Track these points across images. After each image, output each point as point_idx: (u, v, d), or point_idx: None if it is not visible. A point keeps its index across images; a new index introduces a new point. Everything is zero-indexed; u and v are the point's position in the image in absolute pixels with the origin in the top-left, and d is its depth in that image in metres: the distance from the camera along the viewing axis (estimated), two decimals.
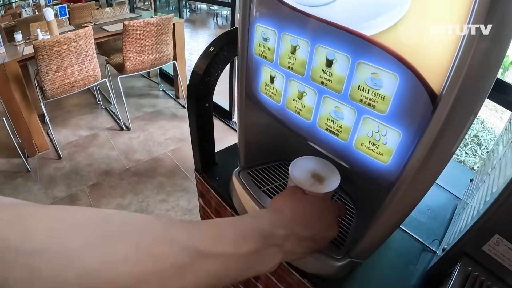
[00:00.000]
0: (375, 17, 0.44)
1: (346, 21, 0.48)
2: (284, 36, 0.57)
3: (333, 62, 0.51)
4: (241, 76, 0.72)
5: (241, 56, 0.69)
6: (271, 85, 0.65)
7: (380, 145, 0.50)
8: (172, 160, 2.99)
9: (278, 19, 0.58)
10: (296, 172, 0.64)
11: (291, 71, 0.59)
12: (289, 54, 0.57)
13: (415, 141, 0.46)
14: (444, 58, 0.39)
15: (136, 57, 3.30)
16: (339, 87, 0.51)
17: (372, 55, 0.46)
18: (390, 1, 0.42)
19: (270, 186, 0.84)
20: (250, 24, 0.64)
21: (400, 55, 0.43)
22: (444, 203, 0.95)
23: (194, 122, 0.89)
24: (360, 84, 0.49)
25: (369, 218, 0.58)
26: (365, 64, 0.47)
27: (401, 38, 0.42)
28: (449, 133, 0.43)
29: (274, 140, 0.83)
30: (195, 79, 0.82)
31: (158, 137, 3.35)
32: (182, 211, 2.42)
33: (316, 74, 0.54)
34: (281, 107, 0.65)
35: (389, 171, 0.51)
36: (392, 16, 0.43)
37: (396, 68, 0.44)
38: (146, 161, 3.00)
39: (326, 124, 0.57)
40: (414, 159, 0.46)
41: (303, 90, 0.58)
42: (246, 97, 0.74)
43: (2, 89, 2.87)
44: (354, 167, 0.57)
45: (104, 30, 3.61)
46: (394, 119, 0.47)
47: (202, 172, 1.01)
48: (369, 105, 0.49)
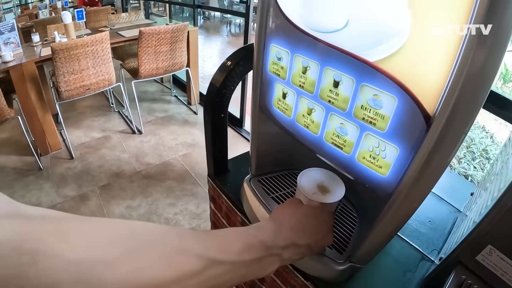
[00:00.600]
0: (377, 45, 0.51)
1: (352, 48, 0.54)
2: (296, 57, 0.64)
3: (340, 83, 0.57)
4: (255, 91, 0.79)
5: (256, 72, 0.76)
6: (283, 101, 0.72)
7: (379, 159, 0.56)
8: (182, 165, 3.05)
9: (291, 41, 0.64)
10: (303, 181, 0.71)
11: (302, 89, 0.65)
12: (300, 74, 0.64)
13: (411, 156, 0.52)
14: (437, 84, 0.45)
15: (151, 62, 3.39)
16: (344, 106, 0.58)
17: (374, 78, 0.52)
18: (391, 32, 0.48)
19: (279, 193, 0.90)
20: (265, 43, 0.71)
21: (398, 79, 0.49)
22: (445, 215, 1.00)
23: (210, 131, 0.95)
24: (363, 104, 0.55)
25: (369, 226, 0.64)
26: (368, 86, 0.53)
27: (399, 65, 0.49)
28: (441, 150, 0.49)
29: (283, 151, 0.90)
30: (212, 91, 0.89)
31: (169, 142, 3.42)
32: (190, 215, 2.48)
33: (324, 93, 0.60)
34: (292, 121, 0.72)
35: (388, 182, 0.57)
36: (392, 45, 0.49)
37: (395, 91, 0.50)
38: (157, 165, 3.07)
39: (332, 139, 0.63)
40: (410, 172, 0.52)
41: (312, 107, 0.64)
42: (259, 110, 0.80)
43: (19, 88, 2.98)
44: (356, 178, 0.63)
45: (120, 35, 3.71)
46: (392, 136, 0.53)
47: (215, 178, 1.07)
48: (371, 123, 0.55)
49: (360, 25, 0.52)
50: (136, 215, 2.50)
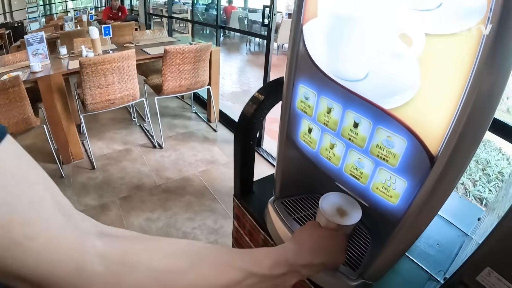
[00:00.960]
0: (392, 96, 0.62)
1: (371, 96, 0.66)
2: (322, 99, 0.76)
3: (359, 125, 0.69)
4: (283, 123, 0.91)
5: (285, 107, 0.88)
6: (309, 135, 0.84)
7: (390, 190, 0.67)
8: (201, 181, 3.18)
9: (318, 84, 0.77)
10: (325, 204, 0.82)
11: (326, 127, 0.77)
12: (325, 113, 0.76)
13: (417, 189, 0.63)
14: (440, 130, 0.56)
15: (174, 80, 3.55)
16: (362, 144, 0.69)
17: (388, 123, 0.64)
18: (404, 86, 0.60)
19: (300, 215, 1.01)
20: (294, 83, 0.83)
21: (408, 125, 0.61)
22: (452, 238, 1.09)
23: (239, 155, 1.08)
24: (378, 143, 0.66)
25: (381, 246, 0.75)
26: (383, 129, 0.65)
27: (410, 113, 0.60)
28: (443, 184, 0.60)
29: (306, 177, 1.01)
30: (244, 120, 1.01)
31: (189, 157, 3.55)
32: (208, 230, 2.59)
33: (345, 131, 0.72)
34: (316, 153, 0.84)
35: (397, 210, 0.68)
36: (404, 97, 0.61)
37: (405, 135, 0.62)
38: (176, 179, 3.20)
39: (351, 170, 0.75)
40: (416, 202, 0.63)
41: (334, 142, 0.76)
42: (286, 139, 0.92)
43: (46, 98, 3.17)
44: (370, 205, 0.74)
45: (145, 52, 3.89)
46: (402, 171, 0.64)
47: (240, 198, 1.19)
48: (384, 159, 0.66)
49: (378, 78, 0.64)
50: (155, 228, 2.61)
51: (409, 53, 0.58)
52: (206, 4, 12.14)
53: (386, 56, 0.62)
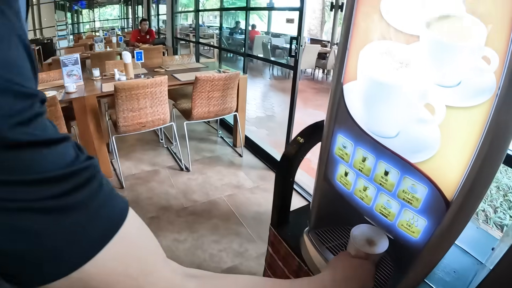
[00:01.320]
0: (417, 152, 0.81)
1: (399, 151, 0.84)
2: (358, 149, 0.95)
3: (389, 173, 0.87)
4: (321, 165, 1.10)
5: (324, 152, 1.07)
6: (345, 177, 1.02)
7: (413, 227, 0.85)
8: (227, 205, 3.36)
9: (355, 136, 0.95)
10: (355, 234, 0.99)
11: (360, 172, 0.96)
12: (360, 161, 0.94)
13: (435, 226, 0.80)
14: (455, 181, 0.75)
15: (203, 106, 3.78)
16: (391, 188, 0.87)
17: (413, 173, 0.82)
18: (427, 146, 0.78)
19: (333, 244, 1.18)
20: (333, 132, 1.02)
21: (429, 176, 0.79)
22: (468, 267, 1.23)
23: (279, 190, 1.27)
24: (404, 189, 0.84)
25: (403, 273, 0.92)
26: (408, 178, 0.83)
27: (431, 166, 0.78)
28: (457, 223, 0.78)
29: (339, 211, 1.19)
30: (285, 160, 1.20)
31: (215, 181, 3.75)
32: (234, 253, 2.75)
33: (377, 177, 0.91)
34: (350, 193, 1.02)
35: (418, 243, 0.85)
36: (427, 154, 0.79)
37: (426, 183, 0.80)
38: (203, 202, 3.38)
39: (380, 209, 0.92)
40: (434, 237, 0.81)
41: (367, 186, 0.94)
42: (323, 179, 1.11)
43: (79, 118, 3.44)
44: (395, 238, 0.91)
45: (176, 78, 4.15)
46: (423, 212, 0.82)
47: (277, 227, 1.37)
48: (408, 202, 0.84)
49: (407, 137, 0.83)
50: (182, 249, 2.78)
51: (433, 120, 0.77)
52: (230, 28, 12.57)
53: (414, 121, 0.81)
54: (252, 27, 11.23)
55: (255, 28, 11.34)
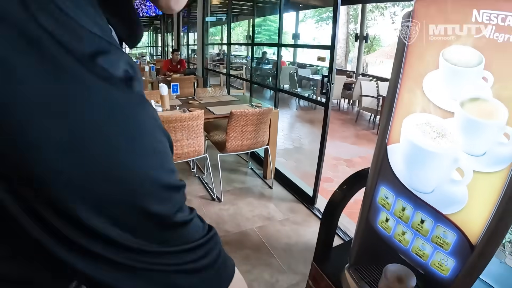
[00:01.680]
0: (448, 206, 1.04)
1: (434, 204, 1.07)
2: (398, 200, 1.18)
3: (424, 221, 1.10)
4: (364, 209, 1.33)
5: (367, 200, 1.30)
6: (385, 223, 1.25)
7: (443, 265, 1.07)
8: (258, 236, 3.55)
9: (396, 189, 1.19)
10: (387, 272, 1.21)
11: (400, 219, 1.19)
12: (400, 210, 1.17)
13: (462, 265, 1.02)
14: (478, 230, 0.97)
15: (237, 140, 4.04)
16: (426, 234, 1.10)
17: (445, 223, 1.04)
18: (457, 201, 1.01)
19: (370, 279, 1.40)
20: (377, 184, 1.25)
21: (457, 225, 1.01)
22: None
23: (324, 232, 1.50)
24: (436, 235, 1.07)
25: None
26: (441, 226, 1.06)
27: (459, 217, 1.01)
28: (480, 263, 1.00)
29: (377, 250, 1.41)
30: (332, 206, 1.44)
31: (246, 212, 3.95)
32: (265, 284, 2.93)
33: (414, 224, 1.13)
34: (390, 236, 1.25)
35: (447, 279, 1.07)
36: (456, 208, 1.02)
37: (455, 231, 1.02)
38: (235, 233, 3.58)
39: (416, 251, 1.15)
40: (461, 274, 1.03)
41: (405, 231, 1.17)
42: (365, 222, 1.33)
43: None
44: (427, 274, 1.13)
45: (210, 111, 4.42)
46: (452, 254, 1.04)
47: (319, 263, 1.59)
48: (440, 245, 1.06)
49: (440, 194, 1.06)
50: None
51: (462, 181, 1.00)
52: (257, 58, 12.88)
53: (447, 181, 1.04)
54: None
55: (281, 59, 11.57)
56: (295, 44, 8.90)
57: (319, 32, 18.24)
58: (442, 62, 1.06)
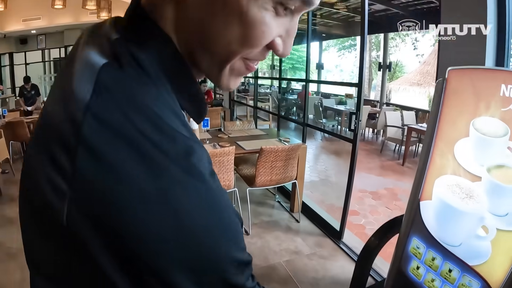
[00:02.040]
0: (473, 258, 1.21)
1: (461, 256, 1.24)
2: (429, 251, 1.35)
3: (452, 271, 1.27)
4: (396, 258, 1.50)
5: (399, 249, 1.47)
6: (416, 270, 1.42)
7: None
8: (285, 270, 3.67)
9: (427, 241, 1.36)
10: None
11: (430, 268, 1.35)
12: (430, 260, 1.34)
13: None
14: (500, 279, 1.13)
15: (266, 175, 4.22)
16: (453, 282, 1.27)
17: (470, 273, 1.21)
18: (481, 254, 1.18)
19: None
20: (409, 235, 1.42)
21: (481, 275, 1.19)
22: None
23: (359, 273, 1.66)
24: (463, 283, 1.24)
25: None
26: (466, 276, 1.22)
27: (483, 268, 1.17)
28: None
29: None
30: (367, 251, 1.61)
31: (274, 246, 4.08)
32: None
33: (443, 273, 1.30)
34: (420, 283, 1.42)
35: None
36: (480, 260, 1.19)
37: (479, 280, 1.19)
38: (262, 267, 3.70)
39: None
40: None
41: (434, 278, 1.34)
42: (397, 269, 1.50)
43: None
44: None
45: (240, 146, 4.60)
46: None
47: None
48: None
49: (467, 247, 1.24)
50: None
51: (487, 238, 1.17)
52: (282, 88, 12.81)
53: (473, 237, 1.22)
54: (303, 88, 11.68)
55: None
56: (323, 81, 9.05)
57: (342, 60, 18.47)
58: (472, 131, 1.25)
